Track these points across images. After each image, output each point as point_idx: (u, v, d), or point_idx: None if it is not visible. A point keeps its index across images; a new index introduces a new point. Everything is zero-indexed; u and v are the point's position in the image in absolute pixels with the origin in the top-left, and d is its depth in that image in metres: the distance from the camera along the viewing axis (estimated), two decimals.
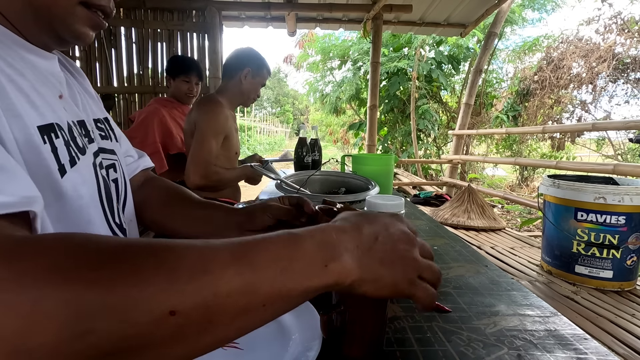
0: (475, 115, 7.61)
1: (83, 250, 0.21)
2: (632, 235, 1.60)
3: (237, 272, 0.25)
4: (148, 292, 0.21)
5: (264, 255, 0.27)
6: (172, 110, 1.90)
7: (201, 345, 0.24)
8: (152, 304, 0.21)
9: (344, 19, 3.72)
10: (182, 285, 0.22)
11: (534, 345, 0.51)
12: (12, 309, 0.18)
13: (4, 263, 0.19)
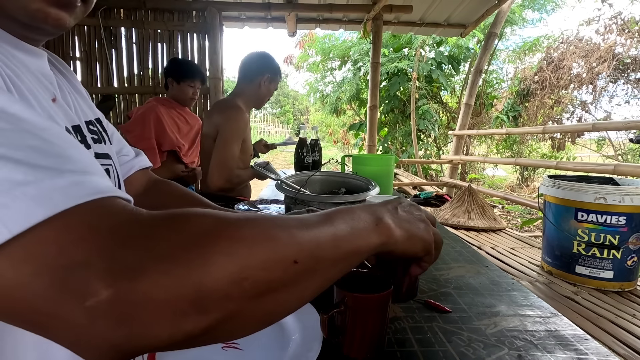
0: (476, 115, 7.60)
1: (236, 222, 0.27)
2: (633, 236, 1.60)
3: (327, 230, 0.32)
4: (279, 248, 0.27)
5: (338, 220, 0.34)
6: (170, 110, 1.93)
7: (310, 289, 0.31)
8: (282, 255, 0.27)
9: (344, 20, 3.72)
10: (298, 240, 0.29)
11: (534, 345, 0.51)
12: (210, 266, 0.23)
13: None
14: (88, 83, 2.95)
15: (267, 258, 0.26)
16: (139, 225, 0.24)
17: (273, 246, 0.27)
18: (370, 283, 0.51)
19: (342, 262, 0.33)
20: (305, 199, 0.90)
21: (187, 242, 0.24)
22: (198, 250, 0.23)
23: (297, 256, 0.28)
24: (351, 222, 0.35)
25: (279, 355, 0.47)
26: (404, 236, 0.39)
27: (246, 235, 0.26)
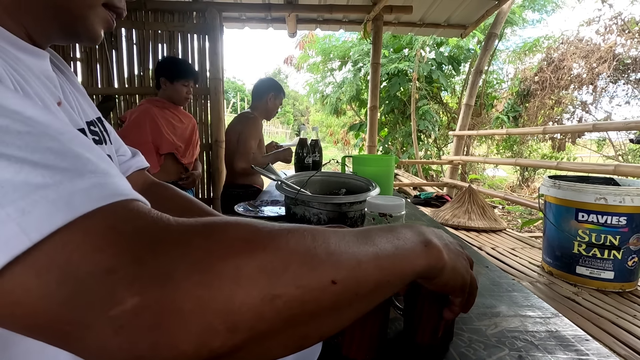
0: (476, 116, 7.61)
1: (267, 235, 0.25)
2: (633, 236, 1.60)
3: (369, 249, 0.29)
4: (317, 265, 0.25)
5: (380, 238, 0.31)
6: (164, 110, 1.90)
7: (347, 314, 0.28)
8: (319, 274, 0.25)
9: (344, 20, 3.73)
10: (337, 258, 0.26)
11: (535, 346, 0.51)
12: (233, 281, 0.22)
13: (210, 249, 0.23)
14: (88, 84, 2.95)
15: (304, 275, 0.24)
16: (170, 231, 0.23)
17: (311, 262, 0.25)
18: None
19: (385, 285, 0.30)
20: (305, 200, 0.90)
21: (223, 252, 0.22)
22: (234, 262, 0.22)
23: (336, 276, 0.26)
24: (396, 241, 0.32)
25: None
26: (450, 265, 0.36)
27: (283, 248, 0.25)
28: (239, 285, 0.22)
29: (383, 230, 0.33)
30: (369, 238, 0.31)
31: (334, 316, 0.27)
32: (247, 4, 3.33)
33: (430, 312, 0.49)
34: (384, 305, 0.47)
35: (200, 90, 3.01)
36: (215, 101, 3.07)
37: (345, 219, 0.90)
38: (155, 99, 1.94)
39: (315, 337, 0.27)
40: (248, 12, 3.43)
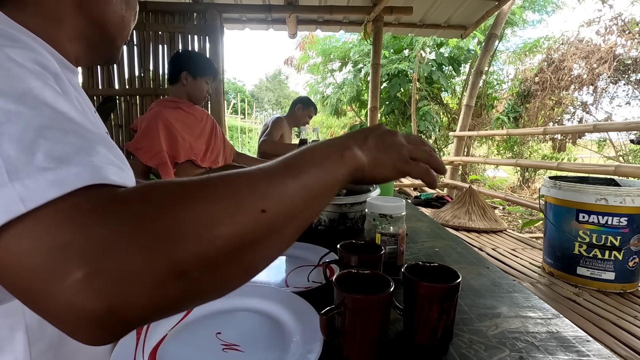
0: (476, 116, 7.60)
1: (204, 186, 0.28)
2: (634, 237, 1.60)
3: (291, 173, 0.33)
4: (243, 201, 0.28)
5: (300, 161, 0.35)
6: (177, 110, 1.71)
7: (288, 234, 0.32)
8: (248, 208, 0.28)
9: (345, 21, 3.73)
10: (262, 190, 0.30)
11: (536, 347, 0.51)
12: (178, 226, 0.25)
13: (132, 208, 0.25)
14: (89, 85, 2.96)
15: (235, 213, 0.27)
16: (115, 201, 0.25)
17: (236, 200, 0.28)
18: (370, 284, 0.51)
19: (314, 200, 0.34)
20: None
21: (154, 212, 0.25)
22: (166, 218, 0.24)
23: (264, 205, 0.29)
24: (315, 160, 0.36)
25: (280, 356, 0.47)
26: (371, 163, 0.41)
27: (208, 195, 0.27)
28: (177, 238, 0.24)
29: (302, 153, 0.36)
30: (290, 164, 0.34)
31: (275, 238, 0.30)
32: (248, 5, 3.34)
33: (429, 313, 0.49)
34: (384, 306, 0.47)
35: None
36: (216, 102, 3.08)
37: (345, 219, 0.90)
38: (166, 100, 1.74)
39: (265, 261, 0.32)
40: (248, 13, 3.43)
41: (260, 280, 0.72)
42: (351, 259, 0.61)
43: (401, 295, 0.54)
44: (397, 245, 0.72)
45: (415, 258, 0.87)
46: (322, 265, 0.64)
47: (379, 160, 0.41)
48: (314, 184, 0.34)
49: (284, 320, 0.55)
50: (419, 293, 0.49)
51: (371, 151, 0.41)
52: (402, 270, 0.53)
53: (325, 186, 0.35)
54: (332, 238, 0.87)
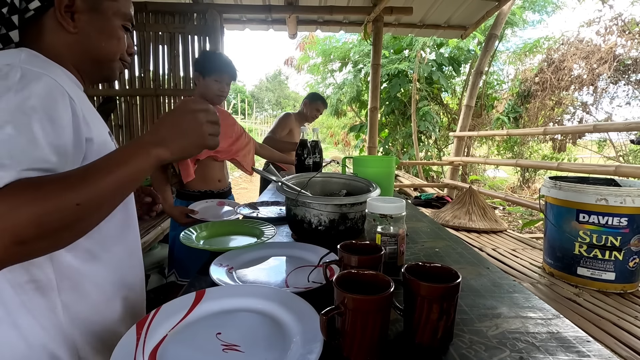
0: (476, 117, 7.60)
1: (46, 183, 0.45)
2: (635, 237, 1.59)
3: (101, 172, 0.47)
4: (61, 200, 0.43)
5: (114, 163, 0.49)
6: None
7: (103, 211, 0.50)
8: (66, 205, 0.43)
9: (345, 22, 3.73)
10: (76, 189, 0.45)
11: (536, 347, 0.51)
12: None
13: None
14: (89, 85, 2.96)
15: (56, 208, 0.42)
16: None
17: (57, 199, 0.43)
18: (370, 284, 0.51)
19: (122, 190, 0.50)
20: (305, 201, 0.90)
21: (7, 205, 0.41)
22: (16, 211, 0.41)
23: (78, 200, 0.44)
24: (125, 160, 0.50)
25: (280, 357, 0.47)
26: (175, 150, 0.54)
27: (39, 196, 0.42)
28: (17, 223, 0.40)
29: (115, 154, 0.51)
30: (102, 164, 0.49)
31: (93, 218, 0.49)
32: (248, 5, 3.34)
33: (429, 313, 0.49)
34: (384, 307, 0.47)
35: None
36: None
37: (346, 220, 0.90)
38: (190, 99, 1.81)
39: (86, 229, 0.49)
40: (248, 13, 3.43)
41: (261, 280, 0.72)
42: (351, 260, 0.61)
43: (401, 295, 0.54)
44: (397, 245, 0.72)
45: (415, 258, 0.87)
46: (322, 266, 0.64)
47: (180, 146, 0.54)
48: (122, 179, 0.49)
49: (284, 321, 0.55)
50: (419, 293, 0.49)
51: (171, 141, 0.54)
52: (402, 271, 0.53)
53: (132, 179, 0.50)
54: (332, 238, 0.87)
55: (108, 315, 0.65)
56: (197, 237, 0.96)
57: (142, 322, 0.52)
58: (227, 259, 0.80)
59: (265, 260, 0.83)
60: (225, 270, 0.75)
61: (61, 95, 0.54)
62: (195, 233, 0.97)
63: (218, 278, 0.69)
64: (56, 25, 0.64)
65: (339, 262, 0.64)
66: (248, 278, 0.73)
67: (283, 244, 0.92)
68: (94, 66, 0.70)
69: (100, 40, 0.68)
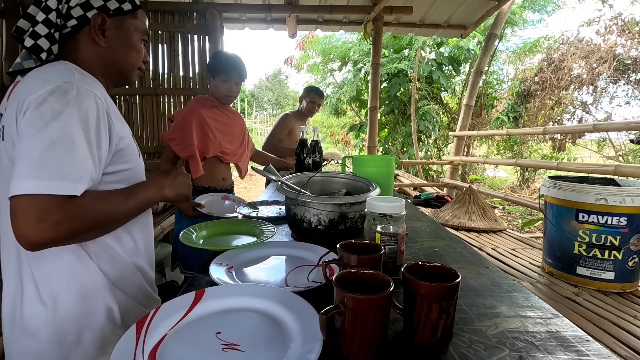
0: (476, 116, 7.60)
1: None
2: (634, 237, 1.60)
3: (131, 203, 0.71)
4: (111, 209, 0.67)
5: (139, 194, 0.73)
6: (213, 109, 1.79)
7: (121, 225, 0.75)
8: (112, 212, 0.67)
9: (345, 21, 3.73)
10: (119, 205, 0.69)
11: (535, 347, 0.51)
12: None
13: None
14: None
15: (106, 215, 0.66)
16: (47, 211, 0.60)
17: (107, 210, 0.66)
18: (370, 284, 0.51)
19: (140, 209, 0.74)
20: (305, 201, 0.90)
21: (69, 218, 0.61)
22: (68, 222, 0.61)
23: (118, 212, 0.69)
24: (146, 194, 0.74)
25: (280, 356, 0.47)
26: (173, 196, 0.80)
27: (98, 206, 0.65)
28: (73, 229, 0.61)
29: (141, 188, 0.74)
30: (132, 194, 0.72)
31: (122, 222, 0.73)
32: (248, 4, 3.33)
33: (429, 313, 0.49)
34: (384, 306, 0.47)
35: (201, 91, 3.01)
36: None
37: (345, 219, 0.90)
38: (203, 97, 1.83)
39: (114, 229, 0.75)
40: (248, 12, 3.43)
41: (260, 280, 0.72)
42: (351, 259, 0.61)
43: (401, 295, 0.54)
44: (397, 245, 0.72)
45: (415, 258, 0.87)
46: (322, 265, 0.64)
47: (175, 193, 0.81)
48: (143, 204, 0.73)
49: (284, 320, 0.55)
50: (419, 293, 0.49)
51: (173, 188, 0.80)
52: (402, 270, 0.53)
53: (147, 204, 0.75)
54: (331, 238, 0.88)
55: (130, 283, 0.83)
56: (197, 236, 0.96)
57: (141, 321, 0.52)
58: (226, 258, 0.80)
59: (265, 260, 0.83)
60: (225, 270, 0.75)
61: (102, 110, 0.70)
62: (195, 232, 0.97)
63: (218, 277, 0.70)
64: (89, 40, 0.78)
65: (338, 262, 0.64)
66: (248, 277, 0.73)
67: (283, 244, 0.92)
68: (118, 74, 0.84)
69: (125, 53, 0.83)
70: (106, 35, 0.78)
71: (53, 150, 0.60)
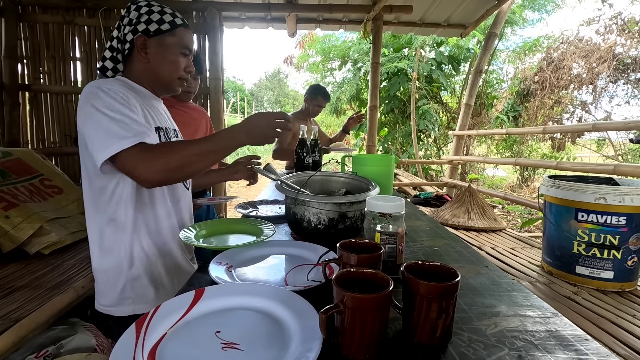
0: (476, 115, 7.60)
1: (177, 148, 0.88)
2: (633, 236, 1.60)
3: (214, 144, 0.88)
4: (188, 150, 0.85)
5: (221, 137, 0.89)
6: (172, 109, 1.64)
7: (201, 167, 0.88)
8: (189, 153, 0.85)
9: (344, 20, 3.72)
10: (197, 146, 0.87)
11: (534, 346, 0.51)
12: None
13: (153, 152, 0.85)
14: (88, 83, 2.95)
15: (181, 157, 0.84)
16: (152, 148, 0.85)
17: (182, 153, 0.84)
18: (369, 283, 0.51)
19: (215, 153, 0.87)
20: (305, 200, 0.90)
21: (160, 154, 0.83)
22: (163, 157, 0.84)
23: (195, 153, 0.85)
24: (228, 137, 0.88)
25: (279, 355, 0.47)
26: (251, 140, 0.89)
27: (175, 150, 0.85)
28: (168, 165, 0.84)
29: (218, 133, 0.89)
30: (216, 137, 0.88)
31: (202, 164, 0.87)
32: (247, 3, 3.33)
33: (428, 312, 0.49)
34: (383, 305, 0.47)
35: (200, 90, 3.00)
36: (215, 101, 3.07)
37: (345, 218, 0.90)
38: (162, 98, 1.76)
39: (195, 172, 0.89)
40: (248, 11, 3.42)
41: (260, 279, 0.72)
42: (350, 258, 0.61)
43: (400, 294, 0.54)
44: (397, 244, 0.72)
45: (414, 257, 0.87)
46: (321, 264, 0.64)
47: (254, 137, 0.89)
48: (218, 147, 0.87)
49: (283, 319, 0.55)
50: (418, 292, 0.49)
51: (251, 132, 0.88)
52: (402, 269, 0.53)
53: (223, 150, 0.88)
54: (331, 237, 0.88)
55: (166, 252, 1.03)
56: (196, 235, 0.96)
57: (141, 320, 0.52)
58: (226, 257, 0.80)
59: (264, 259, 0.83)
60: (224, 269, 0.75)
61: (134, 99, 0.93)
62: (195, 232, 0.97)
63: (217, 276, 0.70)
64: (137, 58, 0.99)
65: (338, 261, 0.64)
66: (247, 276, 0.73)
67: (282, 243, 0.92)
68: (161, 84, 1.03)
69: (163, 66, 1.00)
70: (148, 53, 0.97)
71: None
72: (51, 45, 2.84)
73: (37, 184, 1.77)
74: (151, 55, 0.97)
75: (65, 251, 1.53)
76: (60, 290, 1.19)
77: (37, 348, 1.18)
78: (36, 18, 2.82)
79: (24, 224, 1.48)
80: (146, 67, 0.98)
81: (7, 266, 1.37)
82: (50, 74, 2.87)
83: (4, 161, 1.76)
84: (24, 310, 1.05)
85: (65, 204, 1.78)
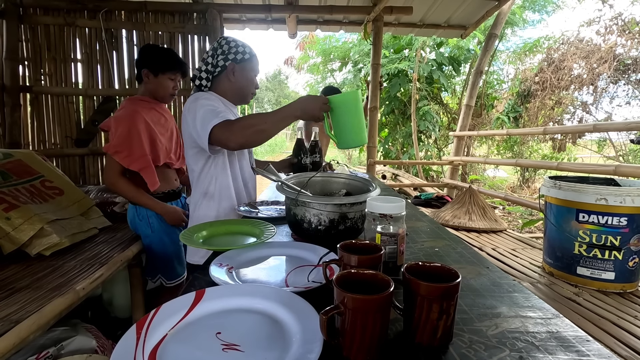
0: (476, 116, 7.60)
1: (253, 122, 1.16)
2: (634, 237, 1.59)
3: (275, 116, 1.13)
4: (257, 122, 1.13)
5: (281, 111, 1.14)
6: (151, 111, 1.66)
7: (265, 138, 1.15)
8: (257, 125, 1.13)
9: (345, 21, 3.73)
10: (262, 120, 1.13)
11: (535, 347, 0.51)
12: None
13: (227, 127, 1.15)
14: (89, 85, 2.96)
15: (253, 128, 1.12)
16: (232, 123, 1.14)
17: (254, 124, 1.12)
18: (370, 284, 0.51)
19: (278, 124, 1.12)
20: (305, 201, 0.90)
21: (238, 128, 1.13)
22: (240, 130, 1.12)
23: (262, 124, 1.12)
24: (286, 112, 1.12)
25: (280, 356, 0.47)
26: (305, 115, 1.10)
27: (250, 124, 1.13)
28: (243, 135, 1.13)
29: (279, 110, 1.13)
30: (276, 112, 1.13)
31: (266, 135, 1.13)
32: (248, 5, 3.33)
33: (429, 313, 0.49)
34: (384, 306, 0.47)
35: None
36: None
37: (345, 219, 0.90)
38: (139, 98, 1.66)
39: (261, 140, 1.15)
40: (248, 13, 3.43)
41: (260, 280, 0.72)
42: (351, 259, 0.61)
43: (401, 295, 0.54)
44: (397, 245, 0.72)
45: (415, 258, 0.87)
46: (322, 265, 0.64)
47: (307, 113, 1.09)
48: (280, 119, 1.12)
49: (284, 320, 0.55)
50: (419, 293, 0.49)
51: (305, 110, 1.09)
52: (402, 270, 0.53)
53: (284, 121, 1.12)
54: (332, 238, 0.88)
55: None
56: (197, 236, 0.96)
57: (141, 321, 0.52)
58: (226, 258, 0.80)
59: (265, 260, 0.83)
60: (225, 270, 0.75)
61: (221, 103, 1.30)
62: (196, 232, 0.97)
63: (218, 277, 0.69)
64: (226, 78, 1.33)
65: (338, 262, 0.64)
66: (248, 277, 0.73)
67: (283, 244, 0.92)
68: (240, 97, 1.38)
69: (244, 85, 1.36)
70: (235, 75, 1.32)
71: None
72: (52, 46, 2.85)
73: (38, 185, 1.78)
74: (236, 77, 1.33)
75: (66, 252, 1.53)
76: (61, 291, 1.19)
77: (38, 349, 1.18)
78: (37, 20, 2.83)
79: (24, 226, 1.48)
80: (231, 85, 1.33)
81: (8, 267, 1.37)
82: (51, 75, 2.88)
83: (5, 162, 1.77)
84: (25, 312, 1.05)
85: (66, 205, 1.77)
